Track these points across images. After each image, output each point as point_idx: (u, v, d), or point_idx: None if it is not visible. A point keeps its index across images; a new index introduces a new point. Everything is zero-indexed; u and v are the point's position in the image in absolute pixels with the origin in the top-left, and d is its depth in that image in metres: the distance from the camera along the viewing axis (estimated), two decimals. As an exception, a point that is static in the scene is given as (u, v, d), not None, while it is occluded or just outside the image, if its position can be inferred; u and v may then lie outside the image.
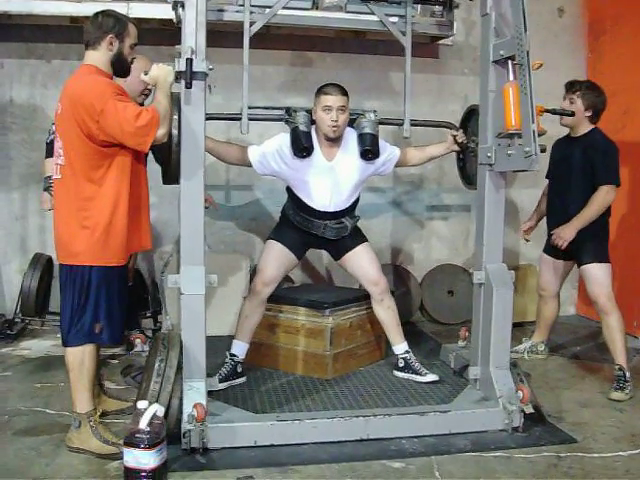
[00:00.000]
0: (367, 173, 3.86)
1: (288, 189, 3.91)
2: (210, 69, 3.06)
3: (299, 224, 3.86)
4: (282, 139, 3.74)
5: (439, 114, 4.93)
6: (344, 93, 3.70)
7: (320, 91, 3.72)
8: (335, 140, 3.74)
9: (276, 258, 3.84)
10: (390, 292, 4.02)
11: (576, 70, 5.75)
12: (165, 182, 3.36)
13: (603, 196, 3.98)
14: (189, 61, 2.96)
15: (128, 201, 2.99)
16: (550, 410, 3.61)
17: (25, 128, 5.25)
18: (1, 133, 5.24)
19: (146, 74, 3.07)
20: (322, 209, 3.79)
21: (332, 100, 3.66)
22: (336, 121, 3.64)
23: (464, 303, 5.22)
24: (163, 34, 4.77)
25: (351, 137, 3.80)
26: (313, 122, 3.76)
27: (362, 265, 3.94)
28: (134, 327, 4.70)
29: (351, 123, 3.83)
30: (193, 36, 3.04)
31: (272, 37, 5.11)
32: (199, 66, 3.01)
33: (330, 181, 3.75)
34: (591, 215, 4.01)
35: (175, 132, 3.07)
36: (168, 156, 3.12)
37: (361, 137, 3.77)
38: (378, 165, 3.88)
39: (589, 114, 4.08)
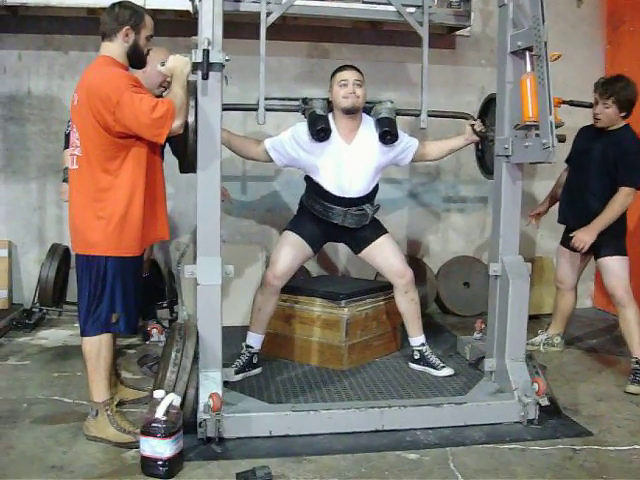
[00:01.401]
0: (386, 159, 3.84)
1: (307, 178, 3.89)
2: (227, 60, 3.06)
3: (319, 213, 3.83)
4: (298, 126, 3.75)
5: (455, 105, 4.91)
6: (359, 71, 3.73)
7: (335, 71, 3.77)
8: (353, 120, 3.73)
9: (290, 250, 3.81)
10: (415, 284, 3.97)
11: (594, 61, 5.72)
12: (182, 171, 3.37)
13: (623, 198, 3.96)
14: (206, 52, 2.96)
15: (144, 192, 3.00)
16: (566, 403, 3.60)
17: (43, 119, 5.28)
18: (19, 124, 5.27)
19: (163, 65, 3.08)
20: (342, 195, 3.76)
21: (348, 74, 3.69)
22: (353, 92, 3.64)
23: (480, 295, 5.20)
24: (180, 25, 4.78)
25: (369, 122, 3.79)
26: (331, 110, 3.76)
27: (386, 257, 3.90)
28: (151, 317, 4.73)
29: (368, 112, 3.83)
30: (210, 27, 3.04)
31: (288, 28, 5.11)
32: (216, 57, 3.01)
33: (349, 164, 3.72)
34: (611, 217, 3.98)
35: (191, 120, 3.07)
36: (184, 144, 3.13)
37: (379, 121, 3.76)
38: (397, 152, 3.86)
39: (624, 114, 4.04)
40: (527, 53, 3.28)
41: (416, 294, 3.96)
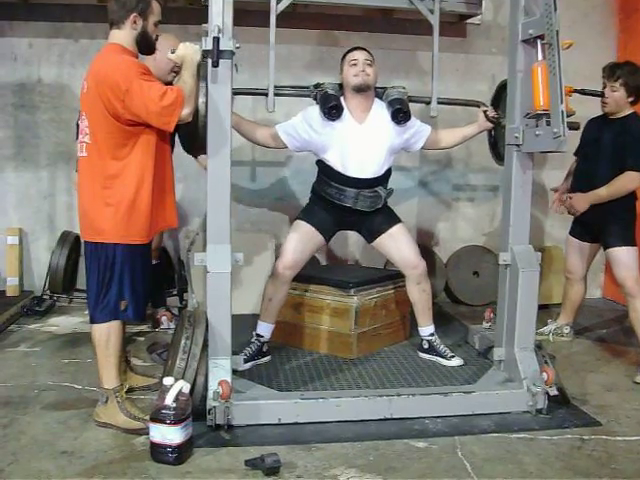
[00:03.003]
0: (398, 141, 3.81)
1: (318, 162, 3.87)
2: (237, 48, 3.06)
3: (331, 197, 3.79)
4: (310, 109, 3.74)
5: (466, 94, 4.89)
6: (369, 52, 3.73)
7: (345, 52, 3.77)
8: (365, 100, 3.71)
9: (301, 240, 3.80)
10: (427, 274, 3.95)
11: (606, 50, 5.68)
12: (185, 149, 3.36)
13: (625, 181, 3.95)
14: (216, 40, 2.94)
15: (153, 179, 3.00)
16: (574, 393, 3.59)
17: (53, 107, 5.29)
18: (30, 112, 5.29)
19: (173, 53, 3.08)
20: (354, 175, 3.72)
21: (358, 54, 3.70)
22: (363, 70, 3.64)
23: (489, 284, 5.20)
24: (190, 13, 4.77)
25: (381, 105, 3.78)
26: (342, 95, 3.75)
27: (400, 248, 3.87)
28: (160, 305, 4.75)
29: (380, 97, 3.81)
30: (220, 15, 3.03)
31: (299, 16, 5.10)
32: (226, 45, 3.00)
33: (361, 144, 3.70)
34: (606, 195, 3.99)
35: (202, 100, 3.06)
36: (194, 125, 3.10)
37: (390, 102, 3.74)
38: (409, 135, 3.84)
39: (632, 99, 4.02)
40: (538, 41, 3.26)
41: (428, 285, 3.95)
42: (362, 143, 3.70)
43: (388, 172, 3.86)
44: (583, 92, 4.03)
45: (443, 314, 5.17)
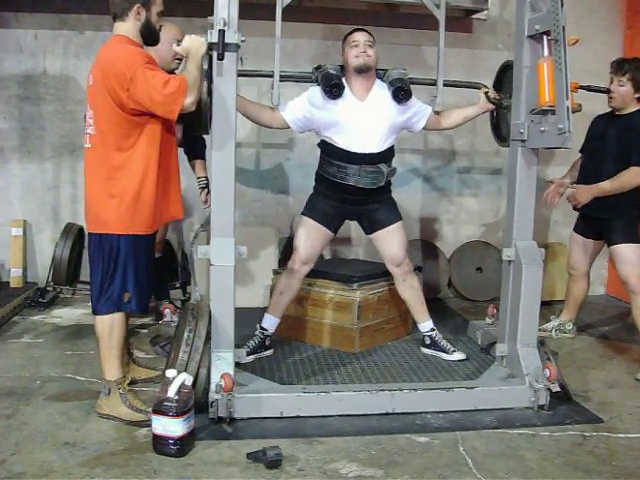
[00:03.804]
0: (400, 119, 3.79)
1: (321, 144, 3.86)
2: (242, 41, 3.05)
3: (333, 177, 3.77)
4: (312, 90, 3.75)
5: (471, 89, 4.88)
6: (370, 34, 3.74)
7: (346, 35, 3.78)
8: (366, 81, 3.72)
9: (309, 236, 3.82)
10: (413, 271, 3.98)
11: (612, 46, 5.66)
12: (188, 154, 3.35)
13: (630, 176, 3.94)
14: (221, 32, 2.95)
15: (157, 170, 3.00)
16: (576, 389, 3.59)
17: (58, 99, 5.29)
18: (34, 104, 5.28)
19: (179, 45, 3.08)
20: (357, 151, 3.71)
21: (359, 36, 3.71)
22: (364, 52, 3.65)
23: (492, 280, 5.20)
24: (195, 5, 4.76)
25: (381, 86, 3.78)
26: (344, 76, 3.75)
27: (392, 245, 3.89)
28: (164, 297, 4.75)
29: (381, 78, 3.81)
30: (226, 8, 3.02)
31: (304, 9, 5.09)
32: (231, 38, 3.00)
33: (363, 119, 3.69)
34: (610, 189, 3.99)
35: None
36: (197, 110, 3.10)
37: (391, 82, 3.74)
38: (410, 114, 3.82)
39: (639, 95, 4.01)
40: (545, 37, 3.25)
41: (415, 280, 3.97)
42: (364, 119, 3.70)
43: (390, 150, 3.85)
44: (589, 88, 4.03)
45: (446, 309, 5.18)
